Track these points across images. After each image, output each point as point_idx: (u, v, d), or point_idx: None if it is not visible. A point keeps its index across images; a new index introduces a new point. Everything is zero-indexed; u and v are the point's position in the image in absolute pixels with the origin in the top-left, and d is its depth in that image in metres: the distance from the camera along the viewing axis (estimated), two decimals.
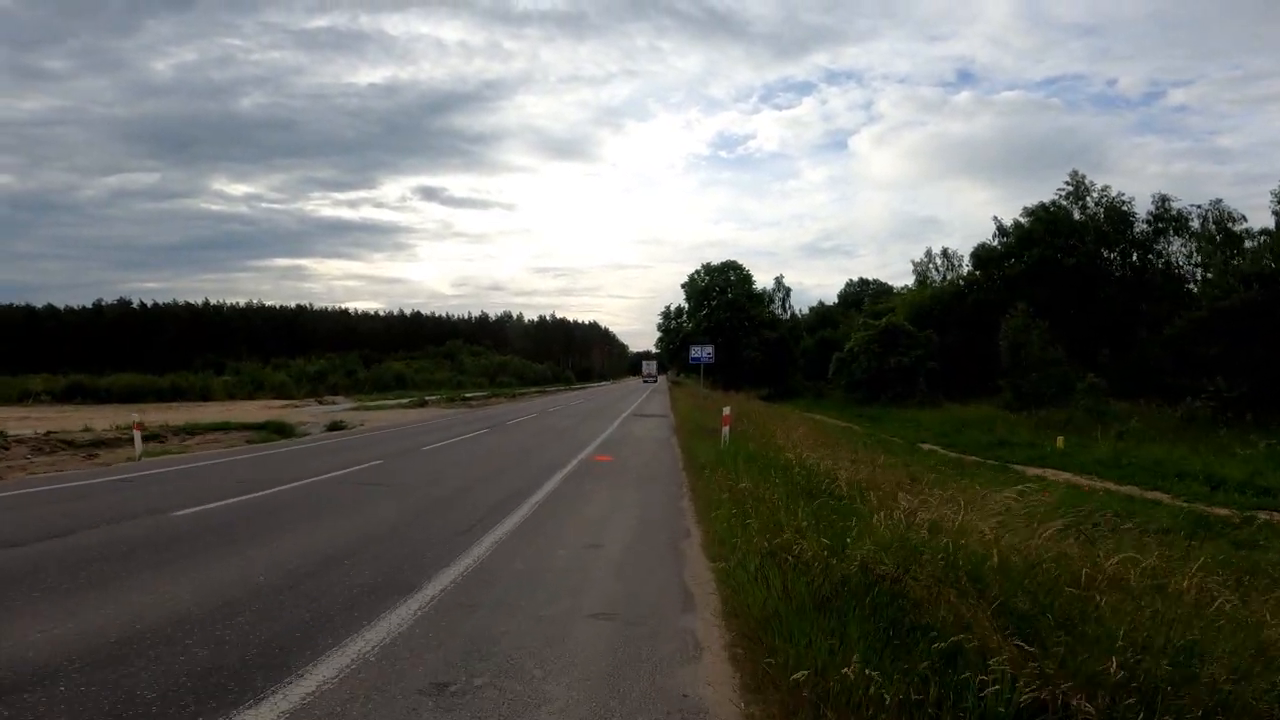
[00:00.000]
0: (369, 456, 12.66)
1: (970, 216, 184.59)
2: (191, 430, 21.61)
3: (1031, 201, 43.73)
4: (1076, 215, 41.94)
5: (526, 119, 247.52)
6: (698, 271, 57.22)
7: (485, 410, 31.15)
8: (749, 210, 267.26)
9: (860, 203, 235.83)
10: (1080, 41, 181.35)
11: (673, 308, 59.11)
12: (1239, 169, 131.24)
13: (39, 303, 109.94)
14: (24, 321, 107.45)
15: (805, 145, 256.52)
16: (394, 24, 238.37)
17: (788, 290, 66.08)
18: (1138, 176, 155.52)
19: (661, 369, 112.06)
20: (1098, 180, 48.52)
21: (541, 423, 21.43)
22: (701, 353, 28.18)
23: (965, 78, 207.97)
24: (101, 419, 22.75)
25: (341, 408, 35.92)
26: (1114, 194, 41.96)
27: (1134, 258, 42.95)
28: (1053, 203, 42.57)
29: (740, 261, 58.16)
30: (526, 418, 23.69)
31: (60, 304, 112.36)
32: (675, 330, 58.34)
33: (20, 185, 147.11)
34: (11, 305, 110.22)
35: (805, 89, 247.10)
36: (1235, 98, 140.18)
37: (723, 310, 53.81)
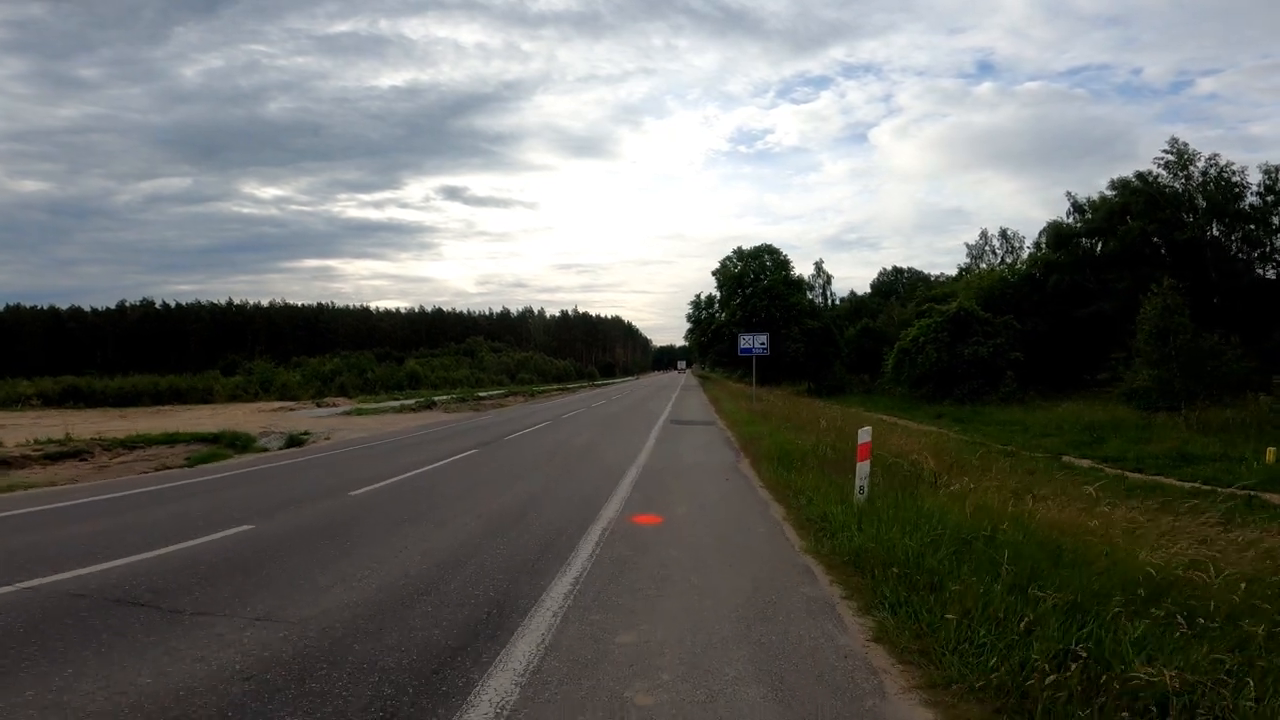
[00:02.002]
0: (243, 513, 7.35)
1: (998, 206, 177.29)
2: (133, 444, 17.30)
3: (1062, 190, 37.92)
4: (1177, 187, 35.39)
5: (546, 118, 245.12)
6: (729, 257, 51.42)
7: (492, 416, 25.82)
8: (771, 204, 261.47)
9: (883, 195, 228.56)
10: (1103, 32, 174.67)
11: (703, 296, 53.28)
12: (1272, 156, 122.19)
13: (84, 307, 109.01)
14: (50, 324, 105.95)
15: (825, 139, 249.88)
16: (413, 28, 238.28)
17: (829, 277, 59.90)
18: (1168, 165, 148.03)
19: (686, 362, 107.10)
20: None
21: (554, 435, 16.07)
22: (753, 343, 22.51)
23: (986, 69, 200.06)
24: (76, 425, 20.79)
25: (334, 412, 30.95)
26: (1223, 163, 35.29)
27: (1239, 233, 36.34)
28: (1148, 173, 36.09)
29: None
30: (536, 426, 18.32)
31: (101, 307, 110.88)
32: (706, 321, 52.57)
33: (60, 192, 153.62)
34: (35, 308, 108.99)
35: (823, 83, 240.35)
36: (1266, 86, 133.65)
37: (759, 298, 47.95)
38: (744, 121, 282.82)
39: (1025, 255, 51.11)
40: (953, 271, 75.15)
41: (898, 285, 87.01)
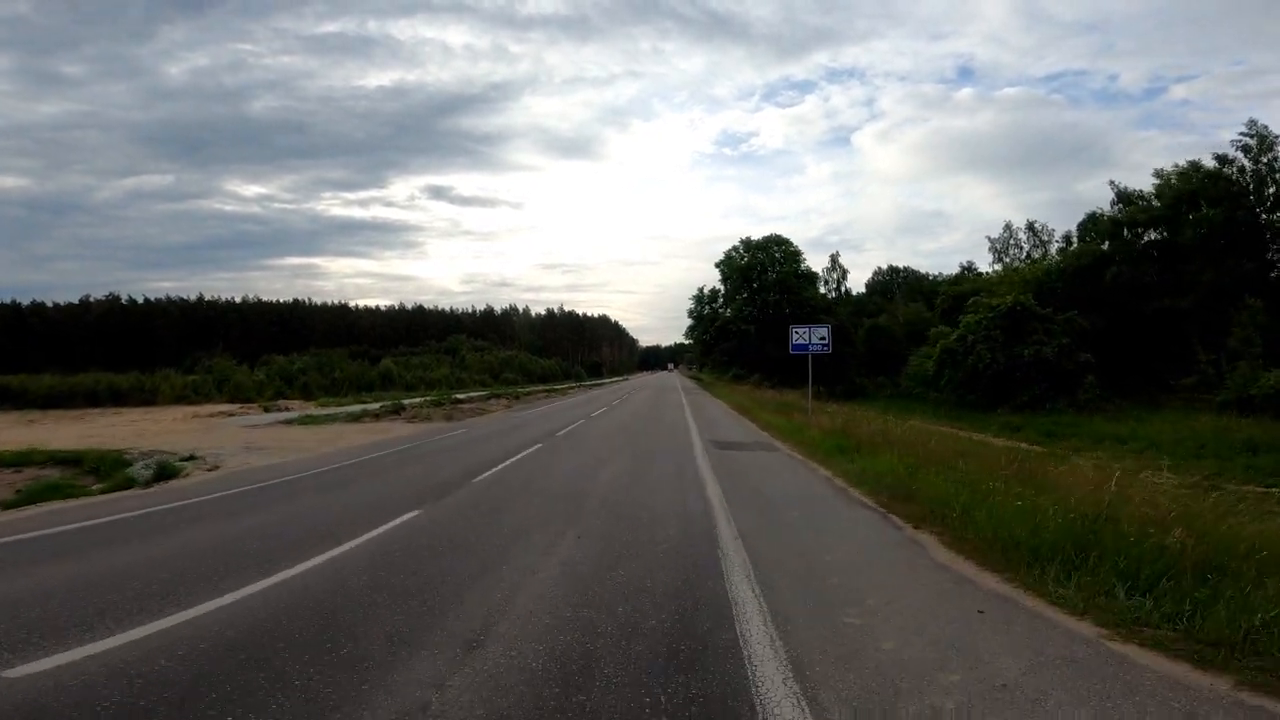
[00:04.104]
0: None
1: (977, 210, 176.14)
2: None
3: (1039, 196, 33.34)
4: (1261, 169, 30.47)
5: (533, 119, 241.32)
6: (736, 248, 46.01)
7: (465, 430, 20.09)
8: (756, 205, 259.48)
9: (866, 197, 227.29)
10: (1080, 39, 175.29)
11: (706, 290, 47.59)
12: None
13: (47, 302, 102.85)
14: (11, 319, 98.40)
15: (809, 142, 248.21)
16: (400, 29, 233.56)
17: (844, 271, 54.61)
18: (1144, 170, 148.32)
19: (674, 362, 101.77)
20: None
21: (553, 473, 10.16)
22: (809, 337, 16.82)
23: (966, 75, 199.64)
24: None
25: (276, 419, 24.98)
26: None
27: None
28: (1225, 157, 31.17)
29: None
30: (523, 453, 12.43)
31: (64, 302, 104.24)
32: (709, 317, 47.01)
33: (39, 188, 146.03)
34: None
35: (807, 87, 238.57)
36: (1238, 93, 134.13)
37: (770, 291, 42.58)
38: (729, 124, 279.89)
39: (1054, 249, 46.48)
40: (948, 271, 70.48)
41: (893, 285, 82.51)
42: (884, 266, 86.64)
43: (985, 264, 51.66)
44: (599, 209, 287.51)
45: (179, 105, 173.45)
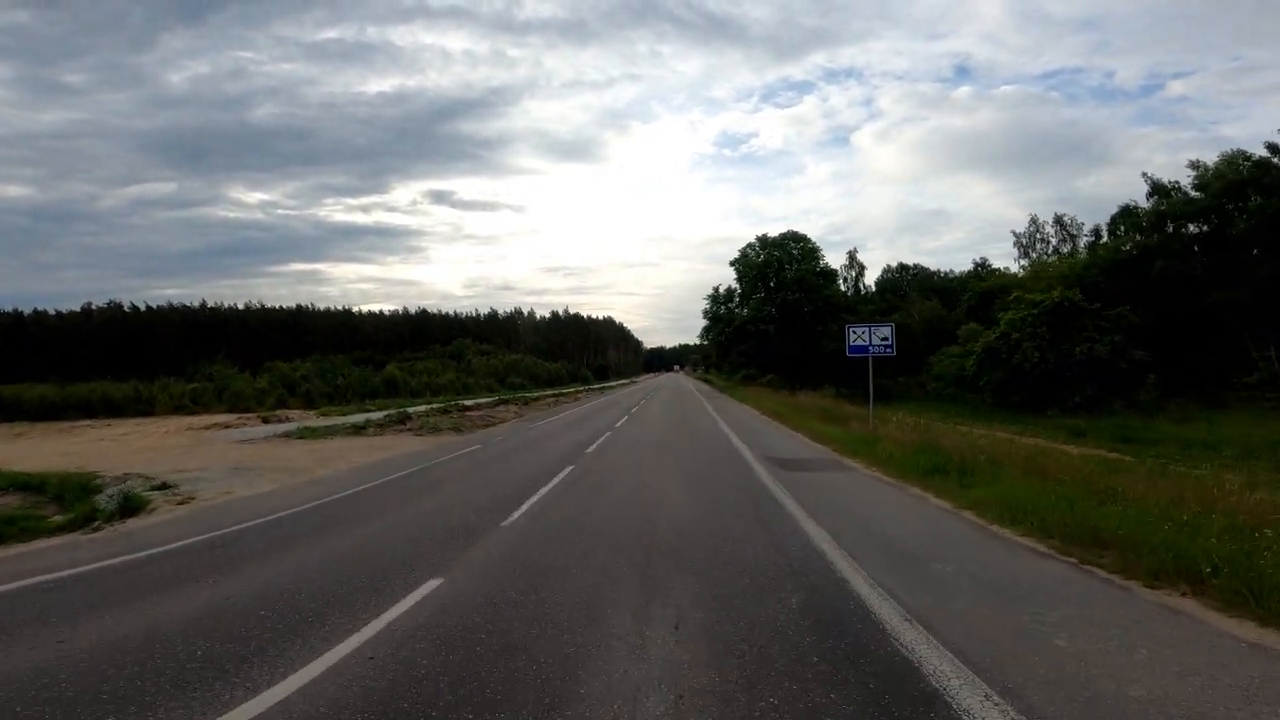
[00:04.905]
0: None
1: (979, 208, 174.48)
2: None
3: (1039, 194, 31.50)
4: None
5: (533, 123, 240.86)
6: (751, 245, 43.99)
7: (478, 445, 18.17)
8: (756, 206, 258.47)
9: (866, 197, 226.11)
10: (1077, 36, 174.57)
11: (722, 289, 45.53)
12: None
13: (49, 310, 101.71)
14: (12, 327, 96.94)
15: (808, 142, 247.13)
16: (400, 35, 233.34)
17: (862, 267, 52.56)
18: (1144, 167, 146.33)
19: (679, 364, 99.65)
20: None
21: (597, 511, 8.21)
22: (870, 338, 14.69)
23: (963, 73, 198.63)
24: None
25: (274, 431, 23.09)
26: None
27: None
28: (1274, 145, 29.13)
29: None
30: (552, 483, 10.17)
31: (65, 310, 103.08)
32: (726, 318, 44.99)
33: (43, 196, 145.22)
34: None
35: (805, 88, 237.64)
36: (1235, 89, 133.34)
37: (789, 290, 40.59)
38: (729, 125, 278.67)
39: (1082, 244, 44.47)
40: (957, 269, 68.77)
41: (902, 283, 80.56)
42: (893, 265, 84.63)
43: (1000, 260, 49.72)
44: (600, 211, 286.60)
45: (181, 113, 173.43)
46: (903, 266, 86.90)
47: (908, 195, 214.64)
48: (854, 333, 15.34)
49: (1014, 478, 7.95)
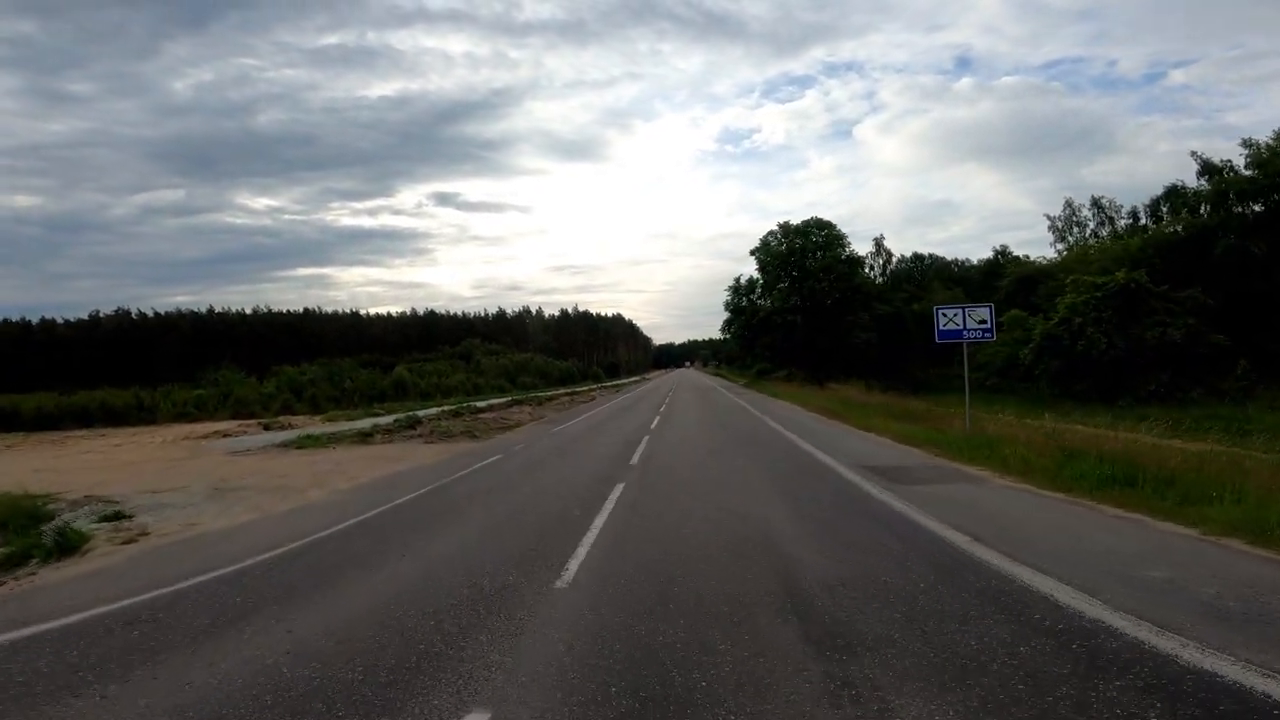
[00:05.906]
0: None
1: (984, 198, 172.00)
2: None
3: (1044, 182, 29.14)
4: None
5: (535, 123, 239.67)
6: (773, 233, 41.62)
7: (499, 453, 15.96)
8: (761, 201, 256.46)
9: (871, 189, 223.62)
10: (1076, 26, 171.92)
11: (743, 280, 43.10)
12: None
13: (57, 319, 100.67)
14: (20, 336, 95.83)
15: (811, 136, 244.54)
16: (400, 39, 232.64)
17: (889, 255, 50.10)
18: (1149, 155, 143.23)
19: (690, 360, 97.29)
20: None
21: (660, 541, 6.04)
22: (964, 321, 12.32)
23: (964, 65, 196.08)
24: None
25: (273, 440, 21.01)
26: None
27: None
28: None
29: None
30: (598, 522, 7.39)
31: (73, 318, 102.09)
32: (748, 309, 42.62)
33: (55, 206, 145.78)
34: (6, 320, 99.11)
35: (806, 82, 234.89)
36: (1236, 77, 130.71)
37: (816, 279, 38.21)
38: (731, 121, 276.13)
39: (1121, 225, 41.88)
40: (973, 258, 66.60)
41: (917, 272, 77.94)
42: (907, 254, 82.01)
43: (1018, 248, 47.15)
44: (606, 210, 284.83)
45: (187, 120, 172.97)
46: (917, 256, 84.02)
47: (913, 187, 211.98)
48: (944, 315, 13.04)
49: (1257, 493, 5.68)
